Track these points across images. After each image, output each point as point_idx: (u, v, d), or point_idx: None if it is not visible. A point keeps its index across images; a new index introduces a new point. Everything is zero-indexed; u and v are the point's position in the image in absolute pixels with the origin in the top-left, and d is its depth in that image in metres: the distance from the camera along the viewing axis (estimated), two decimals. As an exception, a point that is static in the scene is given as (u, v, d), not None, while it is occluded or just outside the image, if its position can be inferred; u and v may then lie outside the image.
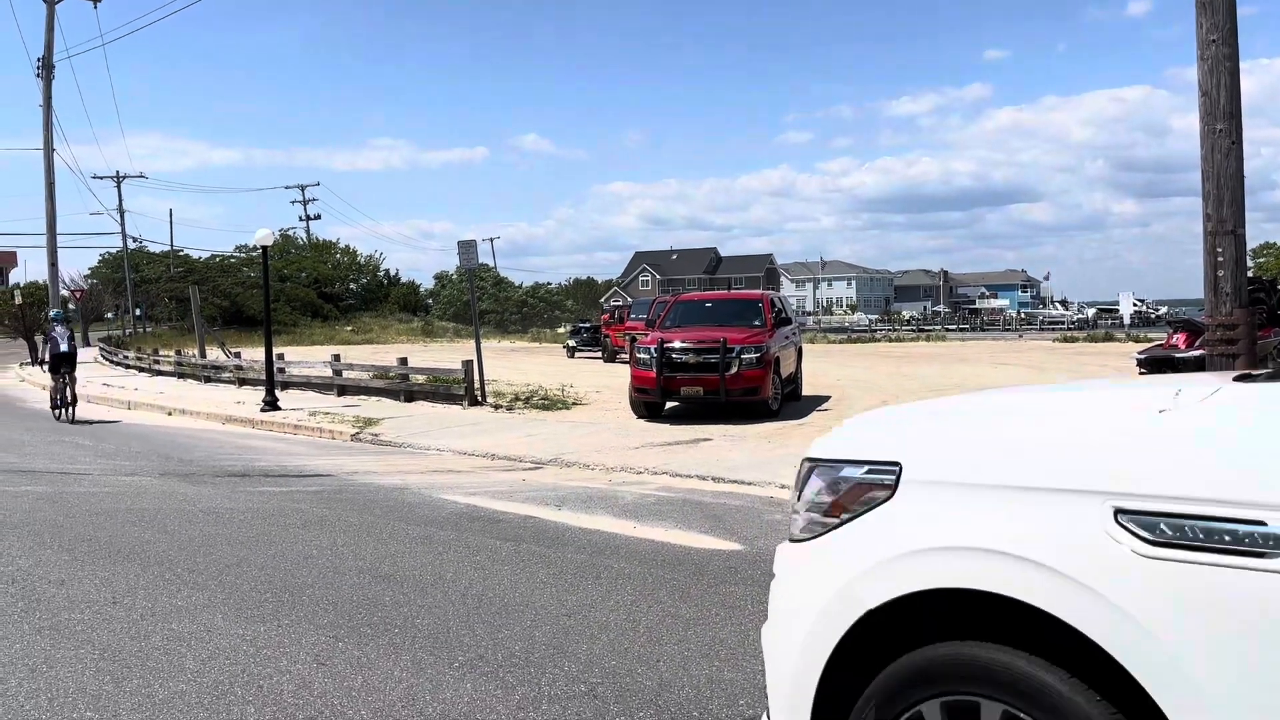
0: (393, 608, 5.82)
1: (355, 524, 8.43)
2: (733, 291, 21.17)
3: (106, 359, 39.53)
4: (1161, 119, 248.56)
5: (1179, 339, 17.99)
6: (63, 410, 18.88)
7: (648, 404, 16.35)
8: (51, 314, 24.99)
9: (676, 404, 16.65)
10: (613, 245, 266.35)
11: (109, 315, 70.90)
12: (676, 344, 16.00)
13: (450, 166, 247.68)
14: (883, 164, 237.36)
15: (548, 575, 6.60)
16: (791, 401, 17.68)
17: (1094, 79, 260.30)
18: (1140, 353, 18.80)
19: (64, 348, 18.93)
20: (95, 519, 8.69)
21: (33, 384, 30.48)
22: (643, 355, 16.33)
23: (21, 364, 38.11)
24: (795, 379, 18.22)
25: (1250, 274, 8.35)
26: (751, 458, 11.87)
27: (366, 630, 5.39)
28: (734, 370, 15.51)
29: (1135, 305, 78.41)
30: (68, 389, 18.83)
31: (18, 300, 45.90)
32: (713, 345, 15.70)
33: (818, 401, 18.70)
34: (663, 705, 4.31)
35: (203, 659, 4.93)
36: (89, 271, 72.53)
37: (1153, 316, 76.50)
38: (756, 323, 16.87)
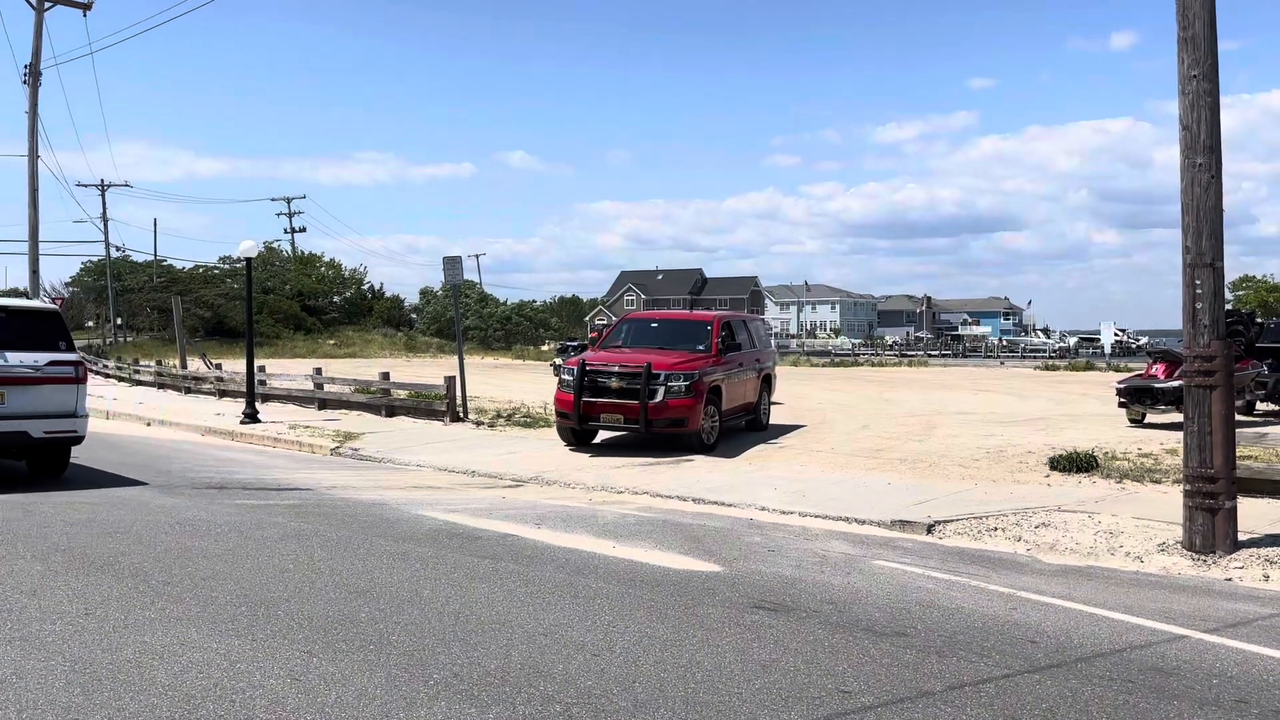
0: (368, 624, 5.79)
1: (333, 539, 8.39)
2: (685, 312, 19.47)
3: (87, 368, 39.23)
4: (1144, 151, 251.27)
5: (1158, 369, 18.12)
6: None
7: (572, 430, 15.03)
8: None
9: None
10: (598, 264, 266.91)
11: (90, 324, 70.43)
12: (598, 366, 14.67)
13: (437, 182, 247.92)
14: (868, 189, 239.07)
15: (525, 594, 6.58)
16: (756, 432, 16.85)
17: (1078, 110, 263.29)
18: (1120, 382, 18.92)
19: None
20: (69, 529, 8.61)
21: (10, 391, 30.23)
22: (566, 376, 14.92)
23: None
24: (755, 408, 17.17)
25: (1229, 306, 8.44)
26: (732, 479, 11.88)
27: (341, 646, 5.36)
28: (659, 398, 14.09)
29: (1116, 335, 78.88)
30: None
31: (-2, 307, 45.47)
32: (636, 369, 14.31)
33: (797, 425, 18.73)
34: (637, 726, 4.29)
35: (175, 672, 4.88)
36: (71, 279, 72.19)
37: (1133, 346, 76.99)
38: (700, 347, 15.45)
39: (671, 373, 14.32)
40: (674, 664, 5.14)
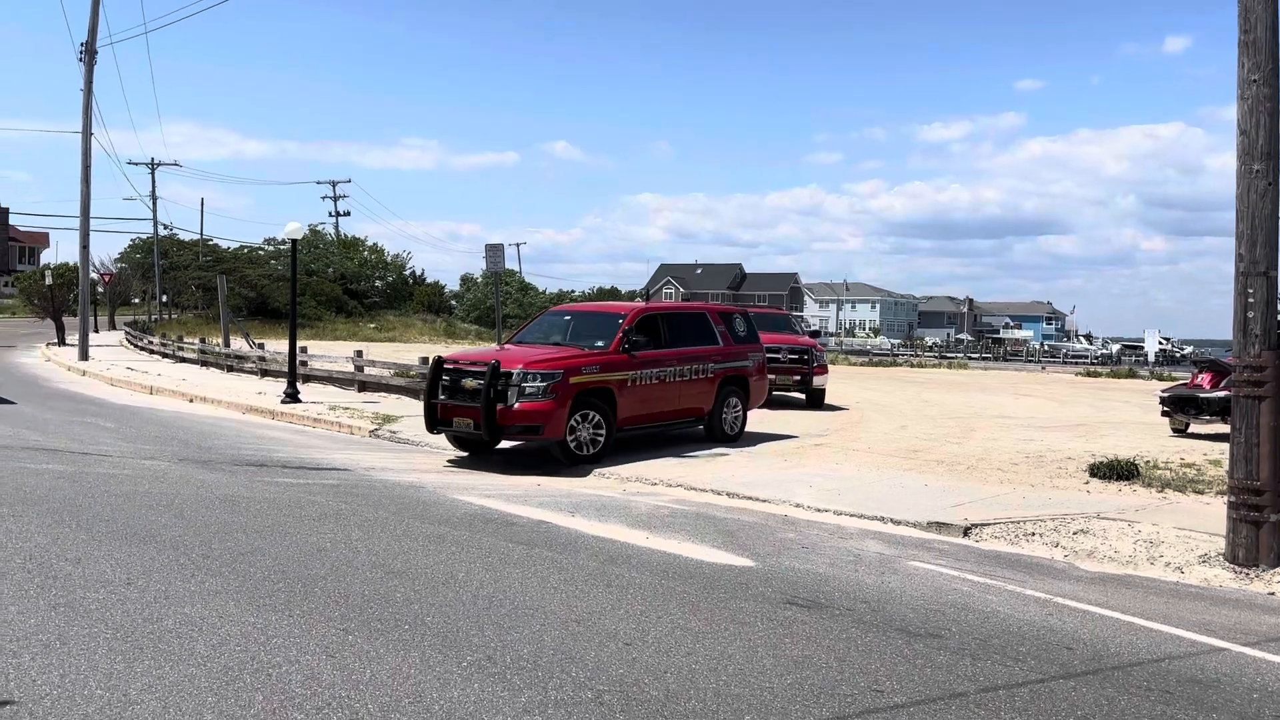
0: (403, 604, 5.84)
1: (369, 519, 8.47)
2: (605, 303, 17.73)
3: (131, 343, 39.86)
4: (1195, 157, 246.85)
5: (1204, 379, 17.82)
6: None
7: (456, 440, 13.39)
8: None
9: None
10: (638, 256, 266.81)
11: (136, 300, 71.50)
12: (453, 364, 13.00)
13: (480, 170, 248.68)
14: (912, 188, 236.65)
15: (559, 580, 6.61)
16: (725, 441, 14.59)
17: (1128, 114, 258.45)
18: (1164, 391, 18.64)
19: None
20: (114, 500, 8.76)
21: (58, 364, 30.78)
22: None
23: (48, 344, 38.47)
24: (711, 414, 14.70)
25: (1280, 317, 8.29)
26: (767, 475, 11.85)
27: (376, 625, 5.41)
28: (510, 402, 12.13)
29: (1161, 343, 77.87)
30: None
31: (48, 281, 46.34)
32: (484, 368, 12.46)
33: (833, 424, 18.66)
34: (669, 716, 4.30)
35: (213, 644, 4.96)
36: (119, 255, 73.25)
37: (1178, 355, 75.92)
38: (599, 343, 13.41)
39: (528, 372, 12.27)
40: (706, 656, 5.15)
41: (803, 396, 21.32)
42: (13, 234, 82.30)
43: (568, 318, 15.25)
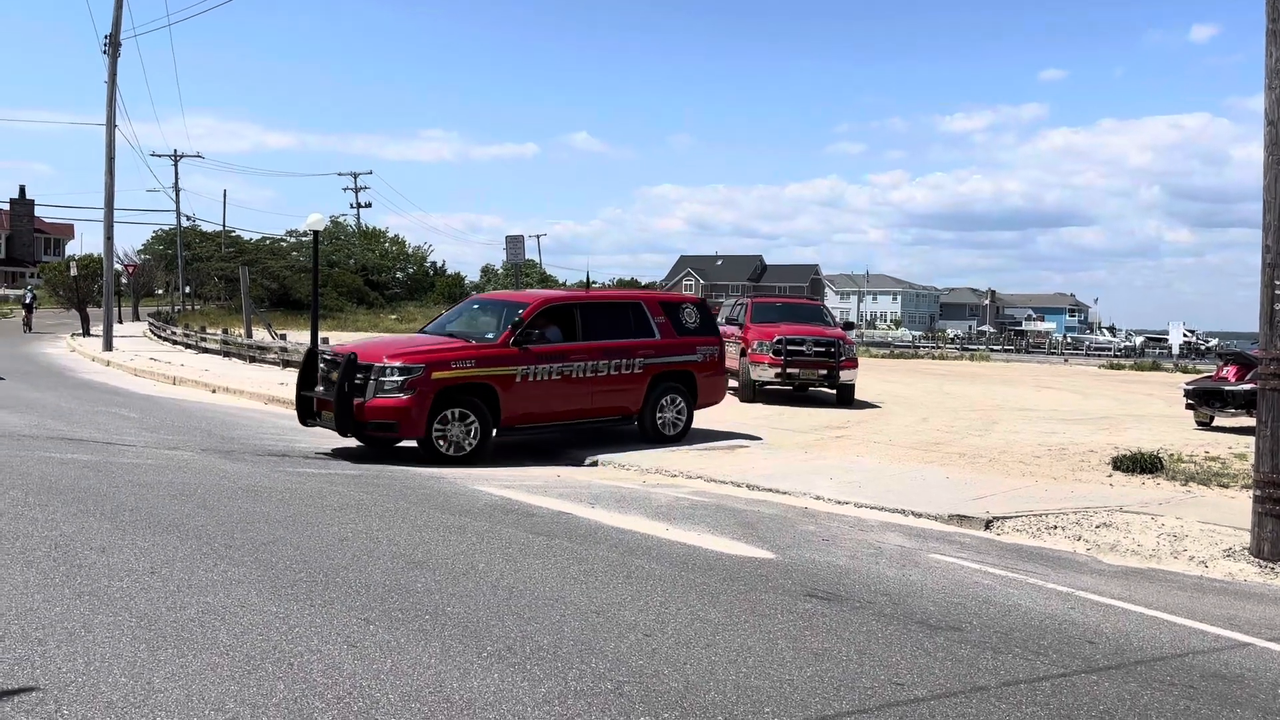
0: (424, 594, 5.86)
1: (390, 510, 8.51)
2: (515, 293, 16.13)
3: (155, 334, 40.16)
4: (1221, 147, 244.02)
5: (1229, 371, 17.67)
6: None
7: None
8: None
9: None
10: (658, 248, 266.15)
11: (159, 291, 72.04)
12: (327, 354, 12.64)
13: (500, 161, 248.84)
14: (934, 179, 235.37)
15: (578, 572, 6.62)
16: (669, 442, 13.41)
17: (1153, 104, 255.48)
18: (1188, 383, 18.49)
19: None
20: (137, 490, 8.83)
21: (83, 354, 31.05)
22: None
23: (73, 335, 38.81)
24: (641, 414, 13.56)
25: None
26: (787, 467, 11.83)
27: (397, 615, 5.44)
28: (367, 396, 11.51)
29: (1185, 335, 77.16)
30: None
31: (73, 272, 46.73)
32: (336, 361, 11.98)
33: (854, 416, 18.60)
34: (688, 708, 4.31)
35: (236, 633, 4.99)
36: (142, 247, 73.82)
37: (1202, 348, 75.17)
38: (489, 335, 12.73)
39: (387, 365, 11.59)
40: (725, 648, 5.14)
41: (833, 392, 20.33)
42: (38, 226, 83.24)
43: (476, 306, 14.60)
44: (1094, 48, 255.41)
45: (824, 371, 19.80)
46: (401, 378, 11.52)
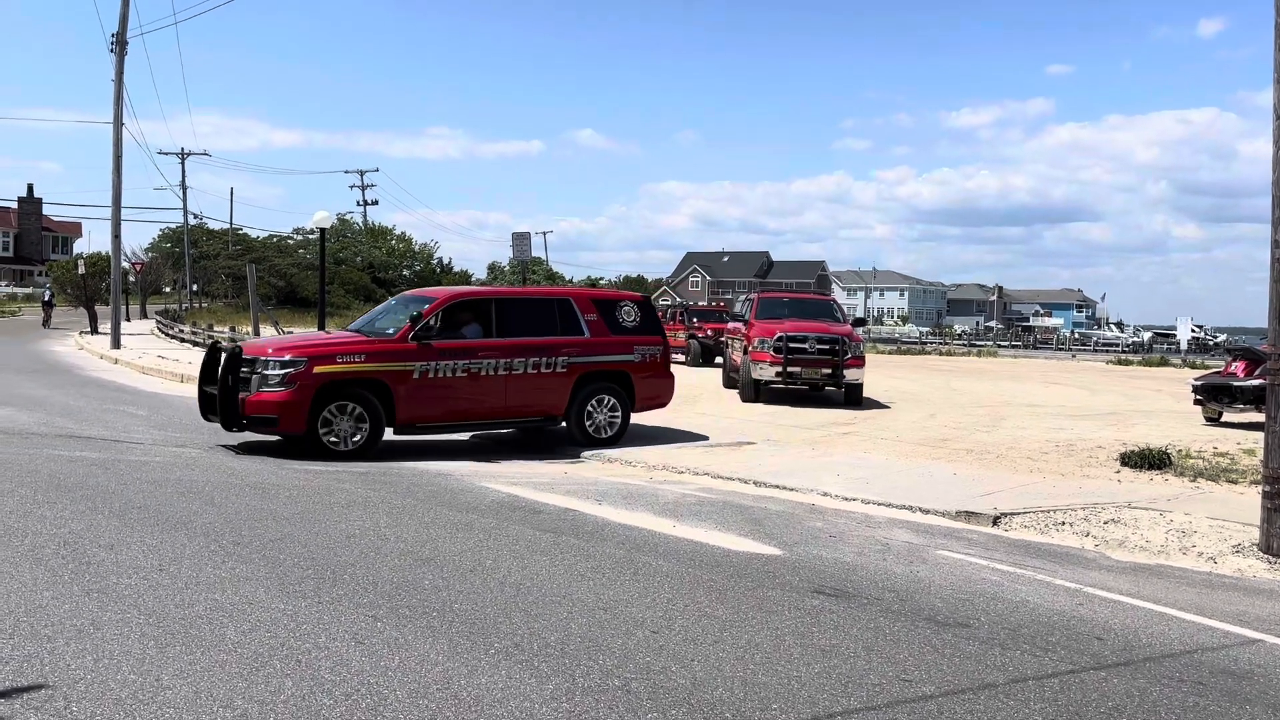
0: (431, 591, 5.87)
1: (398, 507, 8.52)
2: (429, 289, 15.58)
3: (163, 331, 40.22)
4: (1229, 142, 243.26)
5: (1238, 367, 17.62)
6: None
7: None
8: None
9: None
10: (664, 245, 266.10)
11: (167, 289, 72.14)
12: (225, 345, 12.82)
13: (506, 159, 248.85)
14: (940, 175, 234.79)
15: (586, 568, 6.62)
16: (595, 443, 12.81)
17: (1160, 99, 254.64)
18: (1197, 379, 18.43)
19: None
20: (146, 487, 8.85)
21: (91, 352, 31.13)
22: None
23: (81, 332, 38.90)
24: (565, 416, 12.92)
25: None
26: (794, 464, 11.82)
27: (405, 612, 5.44)
28: (251, 390, 11.41)
29: (1193, 331, 76.86)
30: None
31: (81, 270, 46.84)
32: (238, 356, 11.89)
33: (861, 413, 18.58)
34: (696, 705, 4.30)
35: (244, 630, 5.00)
36: (149, 245, 73.96)
37: (1211, 343, 74.94)
38: (390, 331, 12.49)
39: (270, 359, 11.50)
40: (733, 644, 5.14)
41: (843, 392, 19.35)
42: (46, 224, 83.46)
43: (396, 303, 14.22)
44: (1101, 43, 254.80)
45: (828, 370, 19.00)
46: (282, 371, 11.39)
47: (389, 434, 11.98)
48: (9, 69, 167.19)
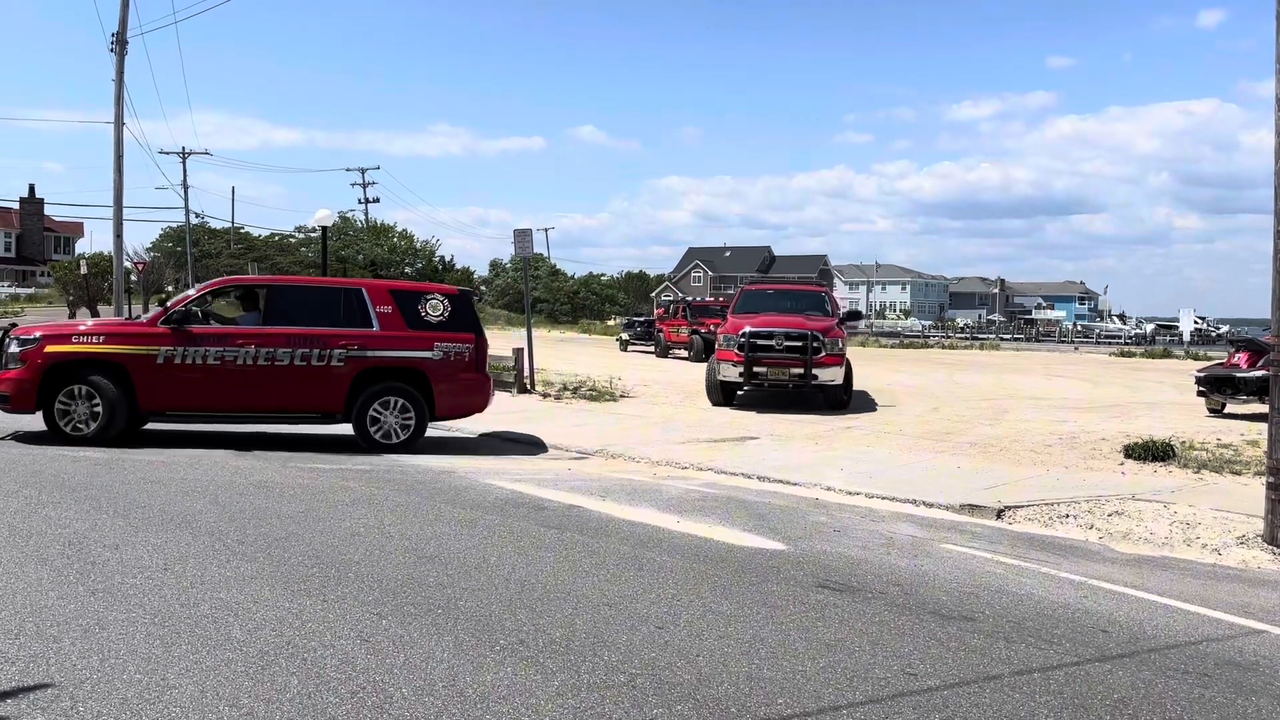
0: (436, 589, 5.88)
1: (402, 504, 8.52)
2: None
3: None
4: (1230, 133, 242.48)
5: (1241, 358, 17.61)
6: None
7: None
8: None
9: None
10: (666, 240, 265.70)
11: (169, 288, 72.18)
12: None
13: (507, 155, 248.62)
14: (942, 168, 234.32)
15: (590, 564, 6.62)
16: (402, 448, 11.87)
17: (1161, 90, 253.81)
18: (1200, 371, 18.42)
19: None
20: (150, 487, 8.87)
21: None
22: None
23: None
24: (345, 413, 12.03)
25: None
26: (798, 458, 11.82)
27: (410, 609, 5.45)
28: (2, 368, 11.62)
29: (1196, 323, 76.80)
30: None
31: (83, 270, 46.90)
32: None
33: (865, 407, 18.58)
34: (701, 699, 4.31)
35: (249, 629, 5.01)
36: (152, 244, 74.04)
37: (1213, 335, 74.94)
38: (143, 318, 12.39)
39: (15, 337, 11.73)
40: (738, 639, 5.14)
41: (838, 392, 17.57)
42: (48, 224, 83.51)
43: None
44: (1101, 34, 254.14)
45: (797, 370, 17.01)
46: (19, 349, 11.41)
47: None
48: (10, 69, 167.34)
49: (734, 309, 19.47)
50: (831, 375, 17.17)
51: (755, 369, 17.12)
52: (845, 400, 17.71)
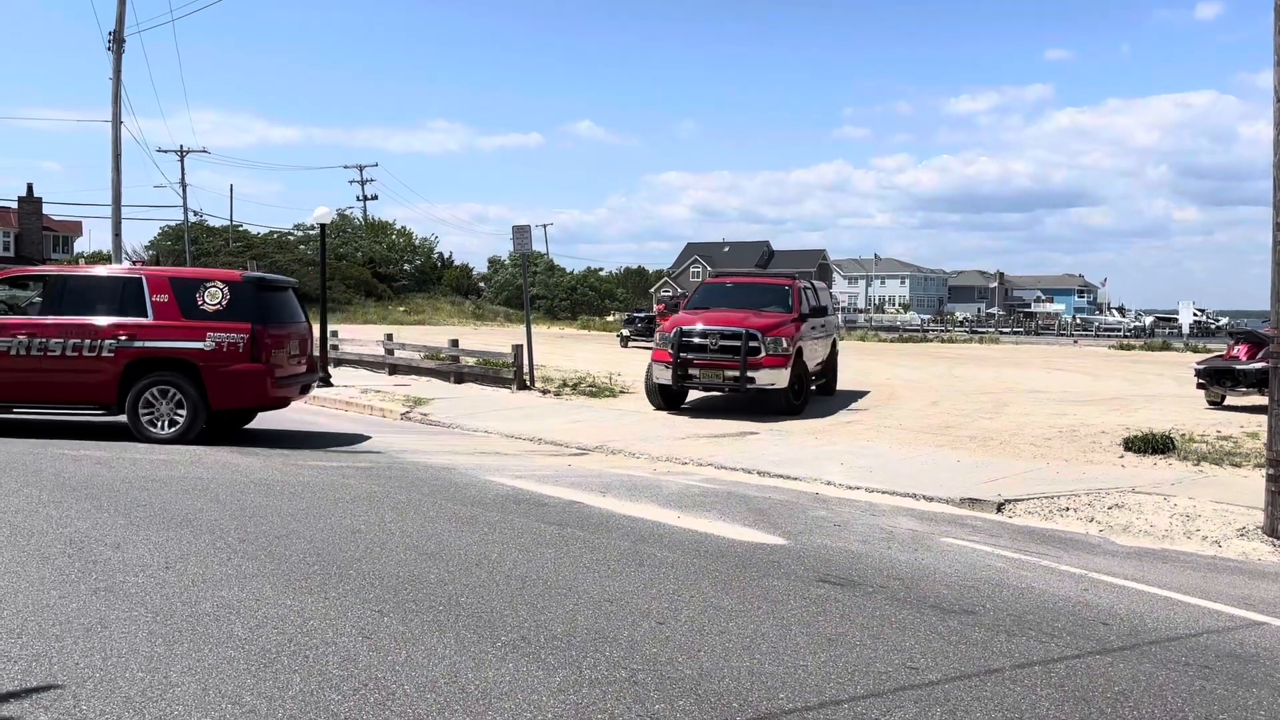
0: (437, 585, 5.88)
1: (403, 501, 8.53)
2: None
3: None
4: (1229, 125, 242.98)
5: (1240, 350, 17.62)
6: None
7: None
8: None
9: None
10: (664, 235, 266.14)
11: (168, 287, 72.07)
12: None
13: (505, 151, 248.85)
14: (940, 162, 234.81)
15: (591, 560, 6.63)
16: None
17: (1159, 82, 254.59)
18: (1199, 363, 18.42)
19: None
20: (151, 486, 8.87)
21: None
22: None
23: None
24: (110, 406, 11.99)
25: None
26: (798, 453, 11.83)
27: (411, 606, 5.45)
28: None
29: (1195, 315, 76.83)
30: None
31: (81, 269, 46.81)
32: None
33: (865, 401, 18.57)
34: (703, 694, 4.31)
35: (251, 627, 5.01)
36: (150, 243, 73.90)
37: (1213, 327, 75.00)
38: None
39: None
40: (739, 634, 5.15)
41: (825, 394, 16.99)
42: (47, 223, 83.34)
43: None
44: (1099, 26, 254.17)
45: (731, 372, 15.46)
46: None
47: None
48: (8, 69, 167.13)
49: (687, 304, 18.28)
50: (771, 378, 15.46)
51: (689, 370, 15.75)
52: (798, 406, 16.03)
